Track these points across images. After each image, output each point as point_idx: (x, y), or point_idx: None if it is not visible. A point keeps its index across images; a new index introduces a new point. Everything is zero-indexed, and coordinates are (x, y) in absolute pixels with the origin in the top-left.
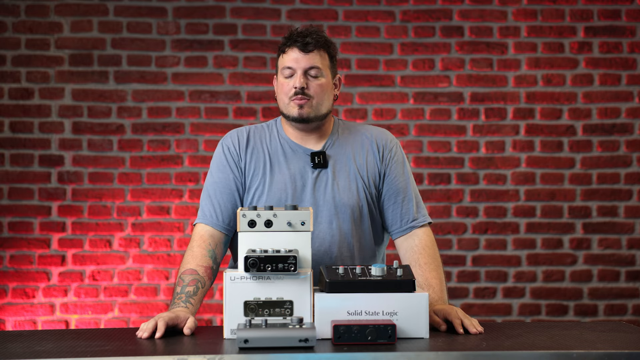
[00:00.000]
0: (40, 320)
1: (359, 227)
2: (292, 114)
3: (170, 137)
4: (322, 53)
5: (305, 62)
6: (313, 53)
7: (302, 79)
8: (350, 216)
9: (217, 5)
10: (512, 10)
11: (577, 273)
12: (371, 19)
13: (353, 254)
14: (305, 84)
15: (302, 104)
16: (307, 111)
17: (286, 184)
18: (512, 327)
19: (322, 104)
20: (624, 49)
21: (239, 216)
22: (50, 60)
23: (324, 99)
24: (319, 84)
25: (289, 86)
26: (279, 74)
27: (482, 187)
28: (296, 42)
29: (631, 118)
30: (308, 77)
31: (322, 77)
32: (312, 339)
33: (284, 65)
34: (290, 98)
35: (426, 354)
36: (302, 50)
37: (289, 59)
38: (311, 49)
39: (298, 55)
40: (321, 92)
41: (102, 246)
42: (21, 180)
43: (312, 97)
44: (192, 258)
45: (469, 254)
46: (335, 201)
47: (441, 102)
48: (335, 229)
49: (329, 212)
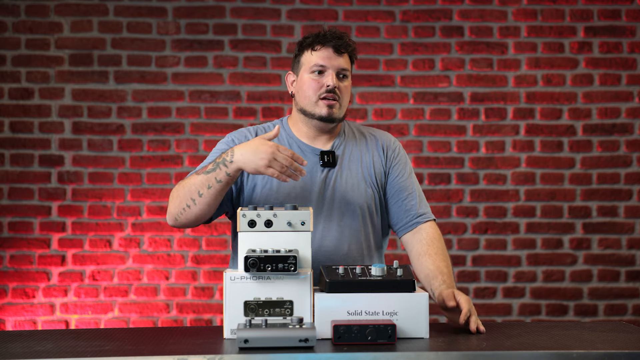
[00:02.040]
0: (40, 320)
1: (367, 224)
2: (319, 112)
3: (170, 137)
4: (348, 57)
5: (338, 63)
6: (345, 56)
7: (335, 78)
8: (359, 214)
9: (217, 5)
10: (512, 10)
11: (577, 273)
12: (371, 19)
13: (362, 250)
14: (338, 84)
15: (332, 105)
16: (336, 112)
17: (295, 184)
18: (512, 327)
19: (345, 106)
20: (624, 49)
21: (239, 216)
22: (50, 60)
23: (347, 102)
24: (345, 86)
25: (319, 84)
26: (302, 71)
27: (482, 187)
28: (330, 42)
29: (631, 118)
30: (338, 78)
31: (347, 80)
32: (312, 339)
33: (314, 62)
34: (320, 96)
35: (426, 354)
36: (336, 51)
37: (321, 57)
38: (343, 51)
39: (332, 55)
40: (347, 94)
41: (102, 246)
42: (21, 180)
43: (340, 98)
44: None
45: (469, 254)
46: (345, 199)
47: (441, 102)
48: (345, 227)
49: (338, 210)
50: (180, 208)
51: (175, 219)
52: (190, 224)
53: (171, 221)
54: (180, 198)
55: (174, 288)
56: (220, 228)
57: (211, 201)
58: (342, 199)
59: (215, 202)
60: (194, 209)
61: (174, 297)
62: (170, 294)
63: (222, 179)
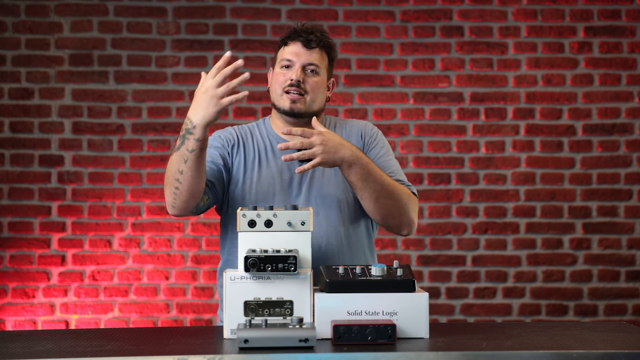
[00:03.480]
0: (40, 320)
1: (347, 216)
2: (283, 106)
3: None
4: (322, 53)
5: (305, 58)
6: (314, 50)
7: (299, 72)
8: (337, 206)
9: (217, 5)
10: (512, 10)
11: (577, 273)
12: (371, 19)
13: (342, 242)
14: (302, 79)
15: (295, 99)
16: (300, 107)
17: (274, 177)
18: (512, 327)
19: (314, 101)
20: (624, 49)
21: (239, 216)
22: (50, 60)
23: (318, 97)
24: (314, 81)
25: (285, 77)
26: (276, 66)
27: (482, 187)
28: (300, 37)
29: (631, 118)
30: (305, 73)
31: (318, 75)
32: (312, 339)
33: (283, 57)
34: (284, 89)
35: (426, 354)
36: (305, 45)
37: (289, 52)
38: (314, 46)
39: (300, 49)
40: (316, 89)
41: (102, 246)
42: (21, 180)
43: (307, 93)
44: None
45: (469, 254)
46: (322, 192)
47: (441, 102)
48: (322, 219)
49: (315, 203)
50: (172, 194)
51: (173, 206)
52: (188, 206)
53: (171, 210)
54: (168, 185)
55: (174, 288)
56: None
57: (194, 173)
58: (319, 192)
59: (199, 174)
60: (183, 189)
61: (174, 297)
62: (170, 294)
63: (193, 148)
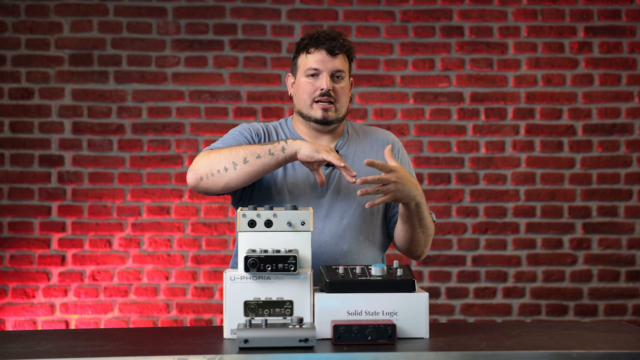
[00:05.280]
0: (40, 320)
1: (369, 223)
2: (315, 116)
3: (170, 137)
4: (345, 57)
5: (332, 65)
6: (340, 57)
7: (329, 80)
8: (361, 213)
9: (217, 5)
10: (512, 10)
11: (577, 273)
12: (371, 19)
13: (362, 249)
14: (332, 86)
15: (327, 108)
16: (332, 115)
17: (298, 181)
18: (512, 327)
19: (343, 107)
20: (624, 49)
21: (239, 216)
22: (50, 60)
23: (345, 102)
24: (342, 87)
25: (314, 87)
26: (299, 74)
27: (482, 187)
28: (324, 44)
29: (631, 118)
30: (333, 80)
31: (344, 80)
32: (312, 339)
33: (308, 65)
34: (314, 100)
35: (426, 354)
36: (330, 53)
37: (314, 60)
38: (338, 52)
39: (325, 57)
40: (343, 96)
41: (102, 246)
42: (21, 180)
43: (336, 101)
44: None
45: (469, 254)
46: (347, 198)
47: (441, 102)
48: (345, 225)
49: (340, 209)
50: (213, 169)
51: (201, 178)
52: (213, 189)
53: (194, 180)
54: (215, 161)
55: (174, 288)
56: (220, 228)
57: (252, 171)
58: (345, 197)
59: (255, 175)
60: (231, 174)
61: (174, 297)
62: (170, 294)
63: (275, 152)
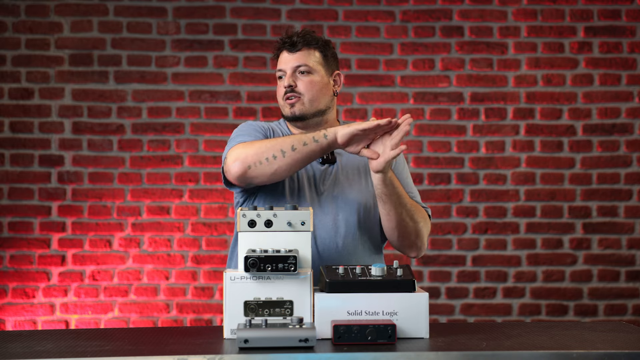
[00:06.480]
0: (40, 320)
1: (366, 220)
2: (286, 113)
3: (170, 137)
4: (312, 51)
5: (293, 62)
6: (301, 52)
7: (290, 77)
8: (357, 210)
9: (217, 5)
10: (512, 10)
11: (577, 273)
12: (371, 19)
13: (358, 247)
14: (294, 82)
15: (292, 103)
16: (299, 108)
17: (294, 179)
18: (512, 327)
19: (315, 100)
20: (624, 49)
21: (239, 216)
22: (50, 60)
23: (318, 96)
24: (308, 81)
25: (281, 88)
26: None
27: (482, 187)
28: (284, 44)
29: (631, 118)
30: (297, 75)
31: (312, 74)
32: (312, 339)
33: (276, 69)
34: (283, 98)
35: (426, 354)
36: (290, 50)
37: (279, 62)
38: (299, 47)
39: (286, 56)
40: (312, 88)
41: (102, 246)
42: (21, 180)
43: (302, 94)
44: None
45: (469, 254)
46: (343, 196)
47: (441, 102)
48: (341, 222)
49: (336, 206)
50: (262, 157)
51: (249, 167)
52: (260, 178)
53: (241, 169)
54: (262, 149)
55: (174, 288)
56: (220, 228)
57: (300, 158)
58: (340, 195)
59: (303, 163)
60: (280, 162)
61: (174, 297)
62: (170, 294)
63: (319, 139)
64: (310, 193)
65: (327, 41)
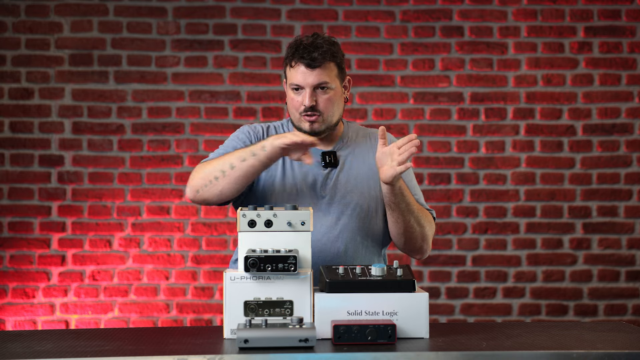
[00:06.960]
0: (40, 320)
1: (368, 224)
2: (304, 128)
3: (170, 137)
4: (329, 64)
5: (312, 79)
6: (320, 68)
7: (311, 97)
8: (359, 213)
9: (217, 5)
10: (512, 10)
11: (577, 273)
12: (371, 19)
13: (359, 251)
14: (315, 101)
15: (312, 120)
16: (319, 126)
17: (296, 180)
18: (512, 327)
19: (332, 116)
20: (624, 49)
21: (238, 216)
22: (50, 60)
23: (334, 111)
24: (327, 98)
25: (299, 102)
26: (287, 85)
27: (482, 187)
28: (302, 59)
29: (631, 118)
30: (317, 93)
31: (330, 89)
32: (312, 339)
33: (291, 81)
34: (301, 114)
35: (426, 354)
36: (309, 66)
37: (295, 76)
38: (318, 64)
39: (305, 71)
40: (331, 106)
41: (102, 246)
42: (21, 180)
43: (322, 113)
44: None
45: (469, 254)
46: (345, 199)
47: (441, 102)
48: (343, 225)
49: (337, 210)
50: (206, 180)
51: (197, 191)
52: (211, 199)
53: (191, 194)
54: (207, 171)
55: (174, 288)
56: (220, 228)
57: (240, 176)
58: (342, 198)
59: (244, 179)
60: (222, 182)
61: (174, 297)
62: (170, 294)
63: (257, 152)
64: (312, 197)
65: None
